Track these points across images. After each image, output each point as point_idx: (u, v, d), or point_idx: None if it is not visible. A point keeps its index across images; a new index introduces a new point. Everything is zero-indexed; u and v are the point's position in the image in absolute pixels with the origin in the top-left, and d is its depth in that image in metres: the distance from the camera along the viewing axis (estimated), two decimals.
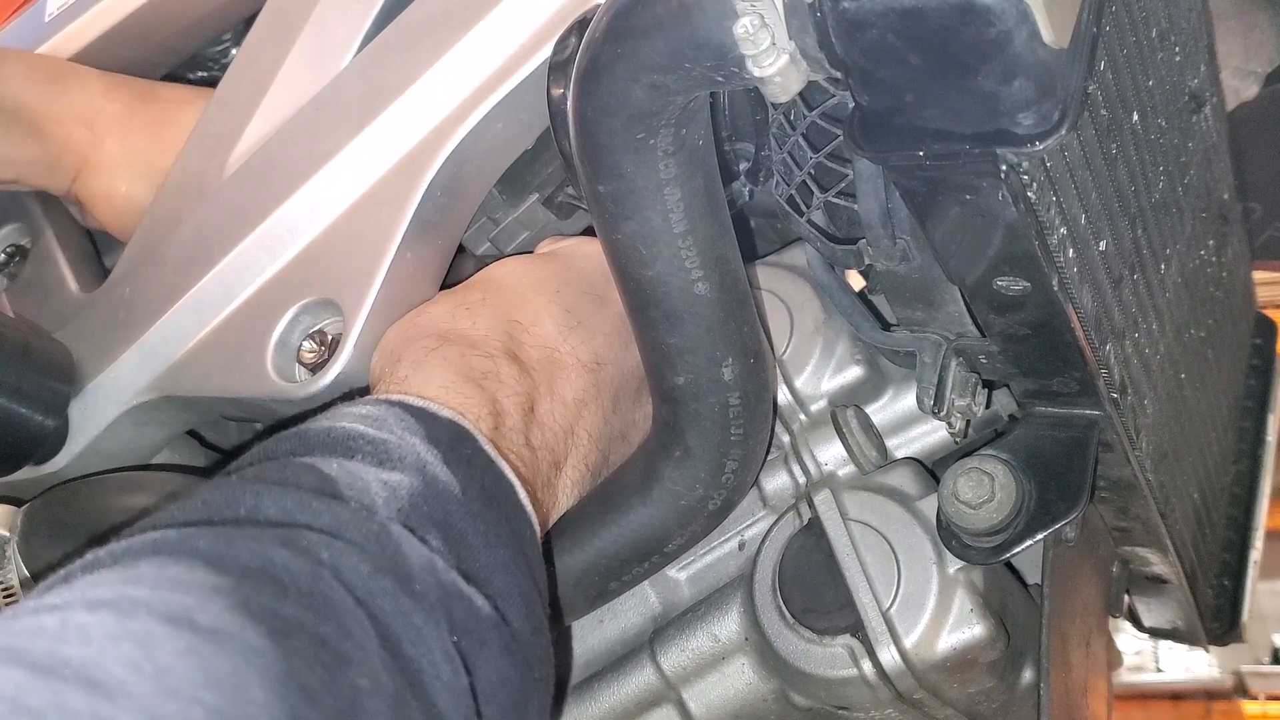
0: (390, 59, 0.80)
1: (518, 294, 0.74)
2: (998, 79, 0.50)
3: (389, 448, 0.60)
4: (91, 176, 0.90)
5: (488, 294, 0.74)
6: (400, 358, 0.70)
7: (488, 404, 0.67)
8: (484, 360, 0.69)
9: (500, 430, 0.67)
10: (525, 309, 0.74)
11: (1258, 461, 1.09)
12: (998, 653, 0.73)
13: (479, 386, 0.68)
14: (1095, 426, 0.72)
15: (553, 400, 0.71)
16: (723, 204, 0.65)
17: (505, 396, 0.69)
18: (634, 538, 0.72)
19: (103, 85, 0.92)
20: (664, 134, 0.59)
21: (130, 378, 0.82)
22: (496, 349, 0.70)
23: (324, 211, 0.78)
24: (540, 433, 0.70)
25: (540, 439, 0.70)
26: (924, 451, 0.81)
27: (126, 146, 0.90)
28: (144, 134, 0.90)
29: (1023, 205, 0.56)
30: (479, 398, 0.67)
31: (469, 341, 0.70)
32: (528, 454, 0.68)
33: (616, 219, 0.62)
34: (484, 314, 0.72)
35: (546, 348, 0.73)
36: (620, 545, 0.73)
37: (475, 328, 0.71)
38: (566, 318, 0.74)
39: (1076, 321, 0.64)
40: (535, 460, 0.69)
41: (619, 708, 0.83)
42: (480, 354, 0.70)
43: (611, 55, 0.57)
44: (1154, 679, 5.42)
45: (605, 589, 0.76)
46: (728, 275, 0.65)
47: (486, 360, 0.69)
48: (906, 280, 0.69)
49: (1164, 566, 0.90)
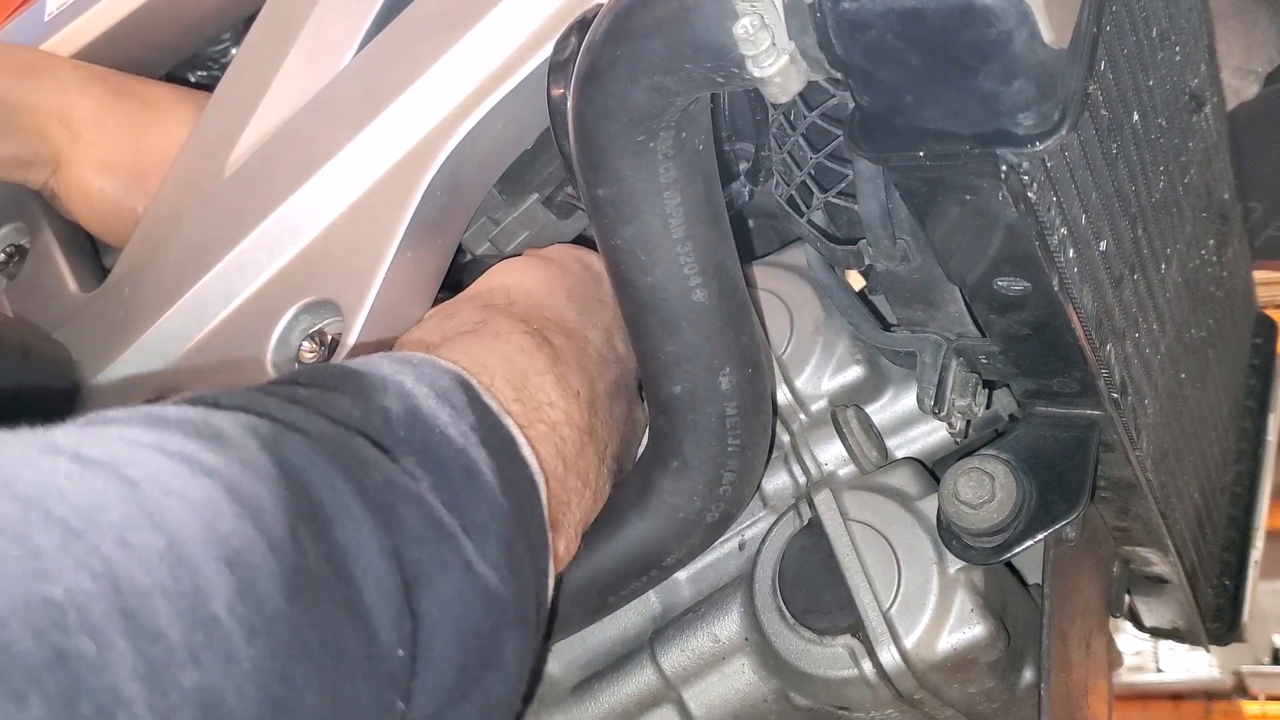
0: (390, 58, 0.80)
1: (536, 294, 0.74)
2: (998, 79, 0.50)
3: (375, 379, 0.59)
4: (67, 172, 0.90)
5: (510, 294, 0.74)
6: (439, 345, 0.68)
7: (513, 374, 0.66)
8: (522, 337, 0.69)
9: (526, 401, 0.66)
10: (549, 305, 0.73)
11: (1258, 461, 1.09)
12: (998, 653, 0.73)
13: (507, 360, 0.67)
14: (1095, 426, 0.72)
15: (591, 385, 0.71)
16: (722, 211, 0.65)
17: (539, 373, 0.68)
18: (632, 552, 0.72)
19: (77, 78, 0.91)
20: (664, 137, 0.59)
21: (130, 378, 0.82)
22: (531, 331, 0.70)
23: (324, 211, 0.78)
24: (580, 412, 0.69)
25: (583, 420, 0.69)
26: (924, 451, 0.80)
27: (102, 146, 0.89)
28: (121, 135, 0.90)
29: (1023, 205, 0.56)
30: (505, 367, 0.66)
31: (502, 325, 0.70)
32: (569, 431, 0.67)
33: (615, 224, 0.62)
34: (513, 309, 0.72)
35: (576, 337, 0.72)
36: (618, 560, 0.72)
37: (509, 317, 0.71)
38: (581, 317, 0.74)
39: (1077, 321, 0.64)
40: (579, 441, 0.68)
41: (619, 707, 0.83)
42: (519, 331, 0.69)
43: (612, 57, 0.57)
44: (1154, 679, 5.41)
45: (604, 604, 0.75)
46: (726, 283, 0.65)
47: (525, 337, 0.69)
48: (907, 280, 0.69)
49: (1164, 566, 0.90)
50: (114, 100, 0.91)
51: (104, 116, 0.90)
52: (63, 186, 0.90)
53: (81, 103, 0.90)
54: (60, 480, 0.41)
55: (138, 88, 0.93)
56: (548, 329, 0.71)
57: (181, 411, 0.49)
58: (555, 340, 0.71)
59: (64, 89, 0.90)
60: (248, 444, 0.48)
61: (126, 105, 0.91)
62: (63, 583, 0.38)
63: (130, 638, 0.38)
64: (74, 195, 0.90)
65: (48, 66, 0.91)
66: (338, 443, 0.53)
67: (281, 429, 0.51)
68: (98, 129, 0.89)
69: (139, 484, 0.42)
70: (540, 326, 0.71)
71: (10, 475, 0.41)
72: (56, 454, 0.43)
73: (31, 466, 0.42)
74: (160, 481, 0.43)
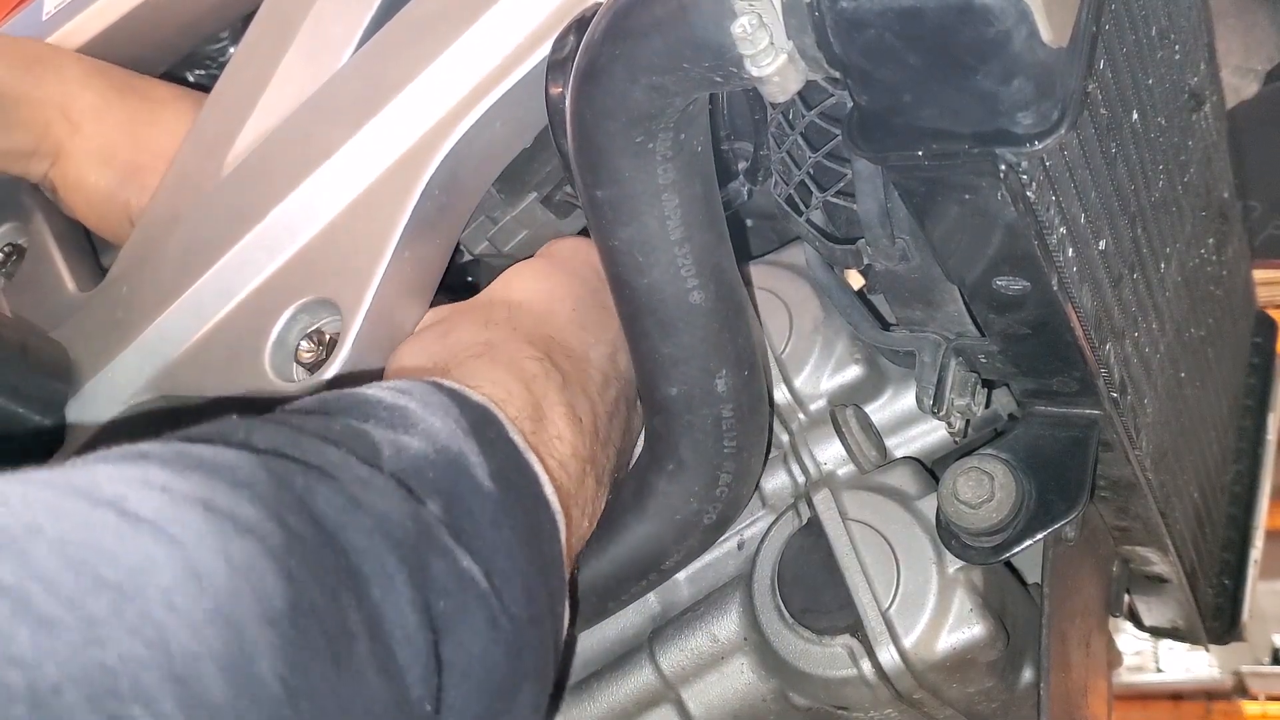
0: (388, 57, 0.80)
1: (540, 311, 0.73)
2: (997, 78, 0.50)
3: (406, 414, 0.58)
4: (66, 164, 0.89)
5: (512, 311, 0.73)
6: (448, 367, 0.68)
7: (530, 405, 0.66)
8: (533, 364, 0.68)
9: (541, 435, 0.65)
10: (552, 324, 0.73)
11: (1258, 460, 1.09)
12: (997, 652, 0.73)
13: (526, 388, 0.66)
14: (1095, 426, 0.71)
15: (594, 410, 0.70)
16: (720, 213, 0.65)
17: (551, 404, 0.67)
18: (630, 555, 0.72)
19: (79, 71, 0.91)
20: (663, 138, 0.59)
21: (128, 377, 0.82)
22: (540, 357, 0.69)
23: (322, 210, 0.78)
24: (584, 442, 0.69)
25: (585, 450, 0.69)
26: (923, 451, 0.80)
27: (101, 139, 0.89)
28: (121, 129, 0.89)
29: (1022, 205, 0.56)
30: (524, 398, 0.66)
31: (512, 350, 0.69)
32: (574, 464, 0.67)
33: (614, 225, 0.62)
34: (517, 329, 0.71)
35: (580, 359, 0.72)
36: (618, 564, 0.72)
37: (514, 339, 0.70)
38: (585, 334, 0.74)
39: (1076, 321, 0.64)
40: (580, 471, 0.68)
41: (618, 707, 0.83)
42: (528, 357, 0.68)
43: (610, 56, 0.56)
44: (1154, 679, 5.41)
45: (603, 609, 0.75)
46: (723, 285, 0.65)
47: (535, 364, 0.68)
48: (905, 280, 0.69)
49: (1164, 565, 0.90)
50: (115, 95, 0.91)
51: (105, 110, 0.90)
52: (60, 179, 0.90)
53: (84, 95, 0.90)
54: (109, 540, 0.42)
55: (140, 84, 0.93)
56: (554, 351, 0.71)
57: (217, 456, 0.49)
58: (562, 365, 0.70)
59: (66, 81, 0.90)
60: (284, 497, 0.49)
61: (128, 100, 0.91)
62: (116, 649, 0.39)
63: (181, 703, 0.39)
64: (70, 188, 0.90)
65: (52, 59, 0.91)
66: (372, 490, 0.53)
67: (316, 478, 0.51)
68: (97, 122, 0.89)
69: (185, 544, 0.43)
70: (547, 349, 0.70)
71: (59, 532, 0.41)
72: (102, 507, 0.43)
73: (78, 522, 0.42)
74: (204, 541, 0.44)
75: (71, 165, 0.89)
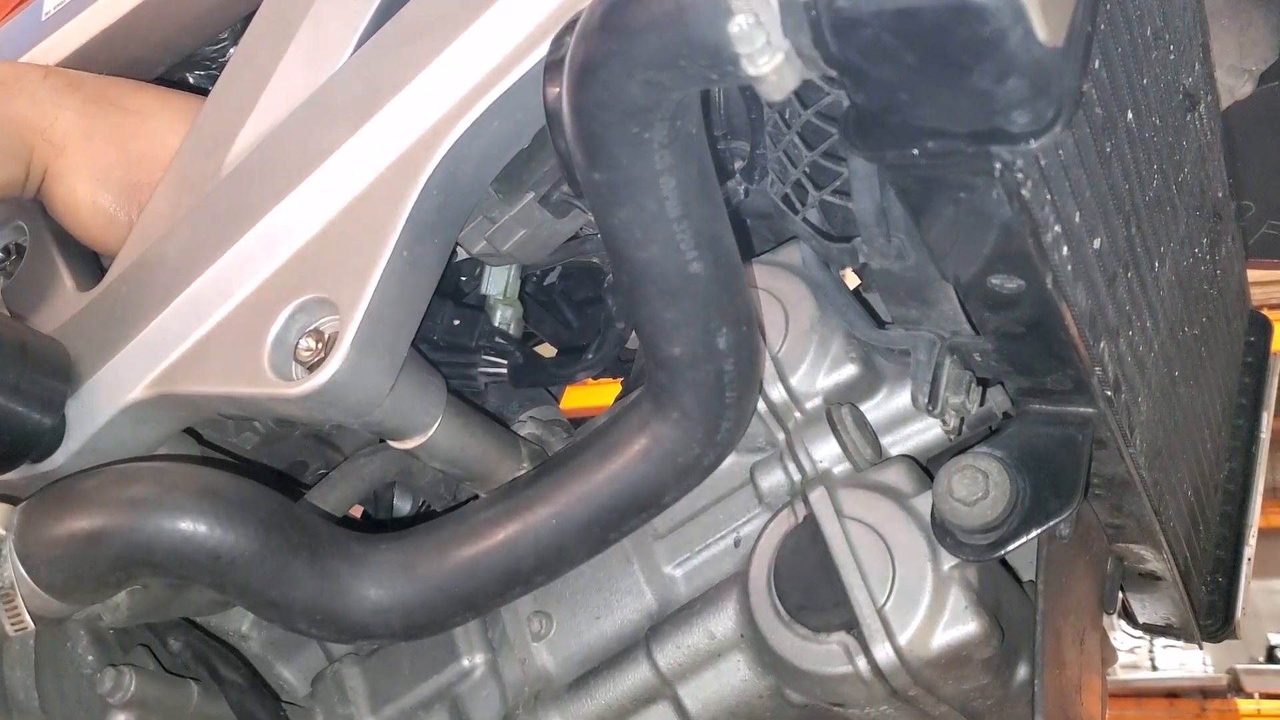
0: (387, 58, 0.80)
1: None
2: (992, 78, 0.50)
3: None
4: (54, 186, 0.88)
5: None
6: None
7: None
8: None
9: None
10: None
11: (1251, 458, 1.10)
12: (992, 649, 0.73)
13: None
14: (1089, 424, 0.72)
15: None
16: (715, 185, 0.65)
17: None
18: (633, 493, 0.74)
19: (49, 88, 0.89)
20: (659, 128, 0.59)
21: (127, 376, 0.82)
22: None
23: (321, 210, 0.78)
24: None
25: None
26: (919, 449, 0.81)
27: (90, 159, 0.88)
28: (111, 148, 0.88)
29: (1017, 203, 0.56)
30: None
31: None
32: None
33: (612, 205, 0.62)
34: None
35: None
36: (621, 501, 0.75)
37: None
38: None
39: (1070, 319, 0.64)
40: None
41: (615, 704, 0.83)
42: None
43: (606, 50, 0.57)
44: (1149, 677, 5.42)
45: (605, 540, 0.77)
46: (721, 252, 0.66)
47: None
48: (901, 278, 0.69)
49: (1158, 563, 0.90)
50: (94, 109, 0.89)
51: (89, 129, 0.88)
52: (50, 201, 0.89)
53: (61, 115, 0.88)
54: None
55: (116, 93, 0.91)
56: None
57: None
58: None
59: (39, 101, 0.88)
60: None
61: (109, 114, 0.89)
62: None
63: None
64: (62, 210, 0.89)
65: (17, 79, 0.89)
66: None
67: None
68: (84, 141, 0.88)
69: None
70: None
71: None
72: None
73: None
74: None
75: (61, 187, 0.88)
